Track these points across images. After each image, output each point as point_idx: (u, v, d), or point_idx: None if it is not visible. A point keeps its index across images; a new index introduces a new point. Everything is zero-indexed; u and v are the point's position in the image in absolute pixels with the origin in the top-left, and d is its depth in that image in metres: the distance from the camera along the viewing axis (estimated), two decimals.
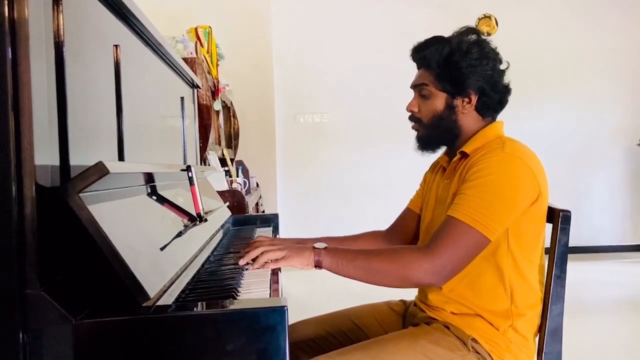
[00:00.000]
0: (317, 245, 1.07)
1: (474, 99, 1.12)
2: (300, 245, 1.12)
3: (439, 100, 1.14)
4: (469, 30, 1.14)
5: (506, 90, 1.15)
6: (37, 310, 0.64)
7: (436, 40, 1.14)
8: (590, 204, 4.41)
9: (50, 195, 0.67)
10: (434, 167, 1.30)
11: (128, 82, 1.02)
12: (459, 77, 1.10)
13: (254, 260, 1.08)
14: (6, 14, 0.63)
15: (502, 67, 1.14)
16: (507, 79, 1.16)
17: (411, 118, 1.20)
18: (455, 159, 1.15)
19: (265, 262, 1.06)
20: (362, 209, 4.19)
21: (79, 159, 0.76)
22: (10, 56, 0.63)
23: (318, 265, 1.04)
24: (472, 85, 1.11)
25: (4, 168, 0.63)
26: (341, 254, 1.04)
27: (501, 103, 1.16)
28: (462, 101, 1.13)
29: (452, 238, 1.00)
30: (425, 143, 1.20)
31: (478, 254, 1.03)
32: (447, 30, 1.19)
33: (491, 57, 1.12)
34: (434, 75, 1.13)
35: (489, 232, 1.00)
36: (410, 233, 1.33)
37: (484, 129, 1.14)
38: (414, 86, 1.19)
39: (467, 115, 1.14)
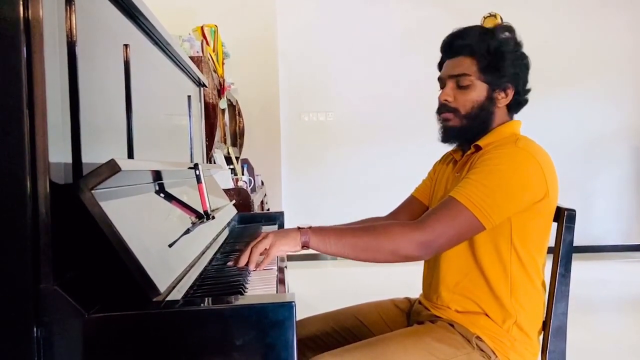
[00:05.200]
0: (302, 225, 1.04)
1: (511, 93, 1.13)
2: (284, 229, 1.08)
3: (480, 91, 1.12)
4: (506, 27, 1.14)
5: (529, 91, 1.17)
6: (50, 305, 0.65)
7: (478, 29, 1.13)
8: (596, 203, 4.40)
9: (64, 192, 0.68)
10: (445, 158, 1.30)
11: (137, 81, 1.03)
12: (504, 69, 1.10)
13: (247, 263, 1.04)
14: (21, 14, 0.65)
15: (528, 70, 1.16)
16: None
17: (443, 108, 1.16)
18: (468, 152, 1.16)
19: (262, 260, 1.02)
20: (367, 207, 4.17)
21: (91, 156, 0.78)
22: (25, 55, 0.65)
23: (305, 246, 1.02)
24: (512, 80, 1.12)
25: (19, 166, 0.64)
26: (328, 232, 1.02)
27: (526, 101, 1.18)
28: (500, 95, 1.13)
29: (446, 215, 1.00)
30: (455, 135, 1.16)
31: (469, 237, 1.04)
32: (451, 30, 1.19)
33: (525, 56, 1.14)
34: (478, 65, 1.11)
35: (485, 218, 1.00)
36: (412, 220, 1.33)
37: (502, 126, 1.14)
38: (451, 76, 1.14)
39: (500, 110, 1.15)
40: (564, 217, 1.11)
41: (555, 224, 1.14)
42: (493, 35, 1.11)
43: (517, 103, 1.15)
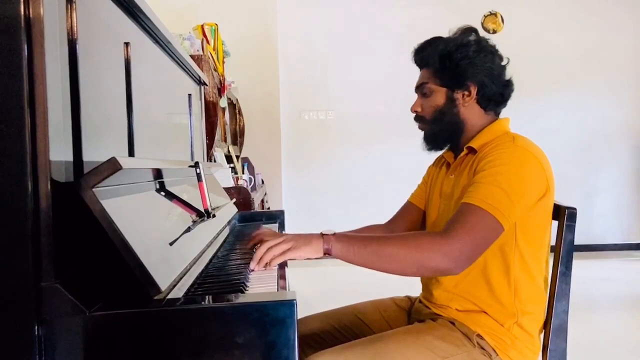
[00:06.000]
0: (326, 231, 1.03)
1: (474, 91, 1.13)
2: (305, 233, 1.06)
3: (440, 96, 1.16)
4: (467, 30, 1.16)
5: (508, 84, 1.16)
6: (52, 302, 0.65)
7: (434, 40, 1.18)
8: (597, 202, 4.40)
9: (65, 190, 0.68)
10: (438, 161, 1.31)
11: (138, 79, 1.03)
12: (457, 69, 1.12)
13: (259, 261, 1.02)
14: (22, 12, 0.65)
15: (502, 63, 1.16)
16: (509, 74, 1.16)
17: (416, 119, 1.22)
18: (462, 154, 1.16)
19: (271, 259, 1.01)
20: (367, 206, 4.20)
21: (92, 155, 0.78)
22: (26, 54, 0.65)
23: (328, 253, 1.00)
24: (471, 77, 1.12)
25: (20, 164, 0.65)
26: (352, 240, 1.00)
27: (503, 96, 1.16)
28: (462, 95, 1.14)
29: (469, 223, 0.98)
30: (432, 140, 1.21)
31: (493, 241, 1.01)
32: (452, 28, 1.20)
33: (489, 51, 1.13)
34: (432, 72, 1.16)
35: (504, 219, 0.99)
36: (411, 227, 1.33)
37: (490, 125, 1.15)
38: (416, 88, 1.21)
39: (469, 108, 1.15)
40: (565, 216, 1.11)
41: (556, 223, 1.14)
42: (444, 42, 1.15)
43: (487, 99, 1.14)
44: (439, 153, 1.28)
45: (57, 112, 0.69)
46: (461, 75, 1.12)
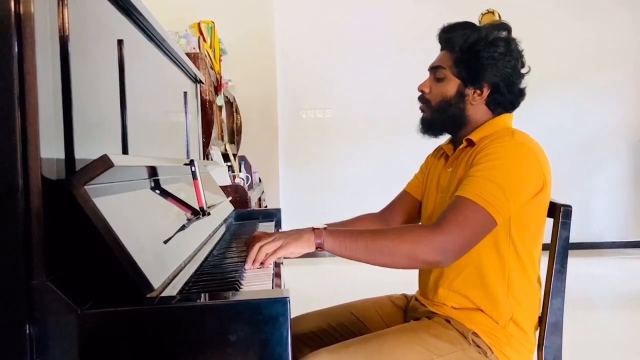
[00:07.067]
0: (317, 225, 1.03)
1: (486, 92, 1.12)
2: (297, 229, 1.05)
3: (452, 86, 1.14)
4: (501, 25, 1.14)
5: (521, 94, 1.15)
6: (43, 301, 0.65)
7: (466, 25, 1.14)
8: (593, 200, 4.41)
9: (56, 188, 0.68)
10: (437, 152, 1.30)
11: (132, 76, 1.02)
12: (477, 67, 1.10)
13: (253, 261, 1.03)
14: (12, 9, 0.64)
15: (523, 70, 1.14)
16: (524, 83, 1.15)
17: (420, 98, 1.20)
18: (461, 146, 1.16)
19: (265, 258, 1.01)
20: (365, 204, 4.17)
21: (84, 152, 0.77)
22: (16, 51, 0.64)
23: (320, 247, 1.00)
24: (488, 78, 1.11)
25: (11, 161, 0.64)
26: (344, 234, 1.00)
27: (513, 104, 1.15)
28: (474, 92, 1.13)
29: (461, 217, 0.98)
30: (429, 127, 1.19)
31: (485, 236, 1.01)
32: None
33: (514, 56, 1.11)
34: (453, 60, 1.13)
35: (497, 213, 0.99)
36: (406, 216, 1.33)
37: (492, 119, 1.14)
38: (431, 68, 1.18)
39: (476, 107, 1.14)
40: (560, 213, 1.11)
41: (551, 220, 1.14)
42: (476, 33, 1.11)
43: (497, 103, 1.13)
44: (437, 143, 1.27)
45: (49, 110, 0.68)
46: (479, 73, 1.10)
